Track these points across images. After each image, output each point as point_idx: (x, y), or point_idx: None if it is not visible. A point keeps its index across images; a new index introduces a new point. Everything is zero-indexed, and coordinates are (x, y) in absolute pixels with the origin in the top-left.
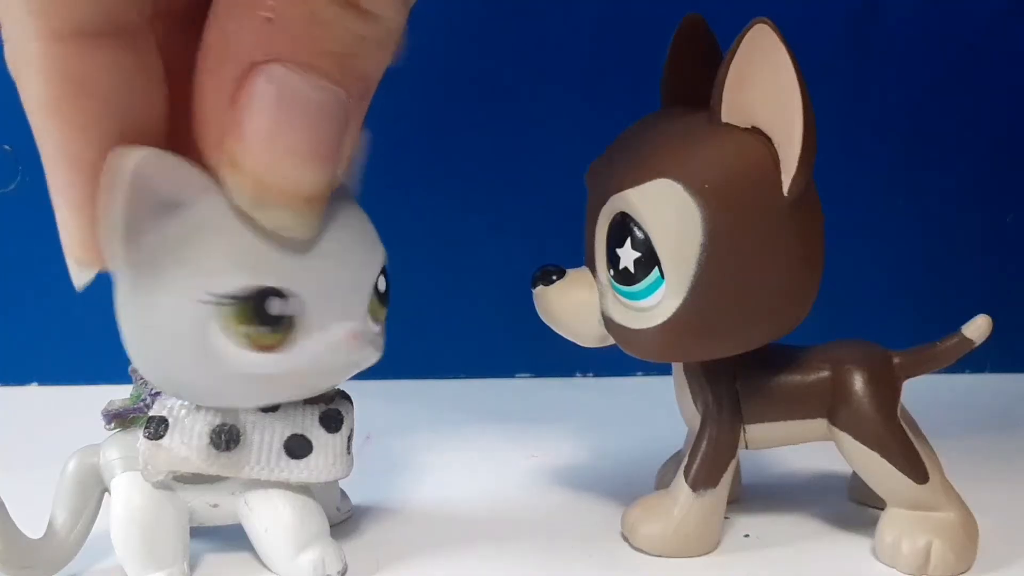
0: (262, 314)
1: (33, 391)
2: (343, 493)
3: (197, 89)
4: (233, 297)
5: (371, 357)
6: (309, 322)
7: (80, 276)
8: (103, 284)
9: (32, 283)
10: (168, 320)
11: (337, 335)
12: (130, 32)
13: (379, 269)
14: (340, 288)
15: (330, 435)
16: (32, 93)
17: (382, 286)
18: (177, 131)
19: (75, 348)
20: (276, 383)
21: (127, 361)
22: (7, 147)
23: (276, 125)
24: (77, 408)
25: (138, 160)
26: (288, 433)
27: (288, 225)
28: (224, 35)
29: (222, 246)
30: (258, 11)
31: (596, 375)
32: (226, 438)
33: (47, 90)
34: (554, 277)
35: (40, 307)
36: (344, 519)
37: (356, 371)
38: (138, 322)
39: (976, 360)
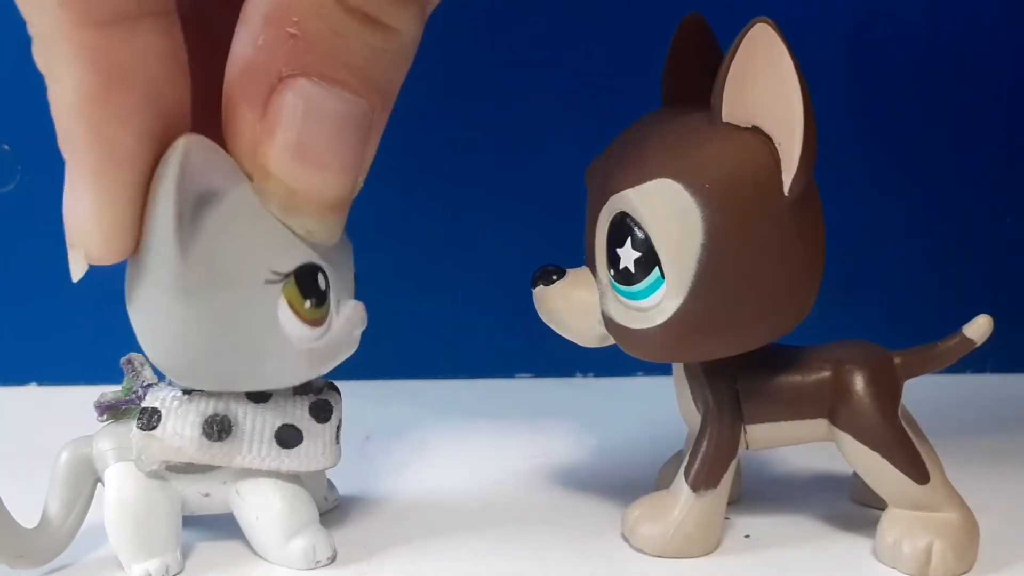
0: (316, 289)
1: (32, 391)
2: (330, 483)
3: (226, 99)
4: (294, 274)
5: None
6: (335, 297)
7: (81, 268)
8: (101, 285)
9: (30, 283)
10: (238, 306)
11: (352, 308)
12: (162, 15)
13: (352, 255)
14: (345, 268)
15: (320, 425)
16: (70, 85)
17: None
18: (196, 119)
19: (74, 348)
20: (317, 358)
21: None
22: (6, 147)
23: (304, 136)
24: (75, 408)
25: (189, 144)
26: (279, 423)
27: (315, 230)
28: (253, 49)
29: (273, 227)
30: (284, 27)
31: (596, 375)
32: (218, 428)
33: (89, 80)
34: (554, 277)
35: (38, 307)
36: (331, 508)
37: (354, 349)
38: (197, 316)
39: (977, 360)
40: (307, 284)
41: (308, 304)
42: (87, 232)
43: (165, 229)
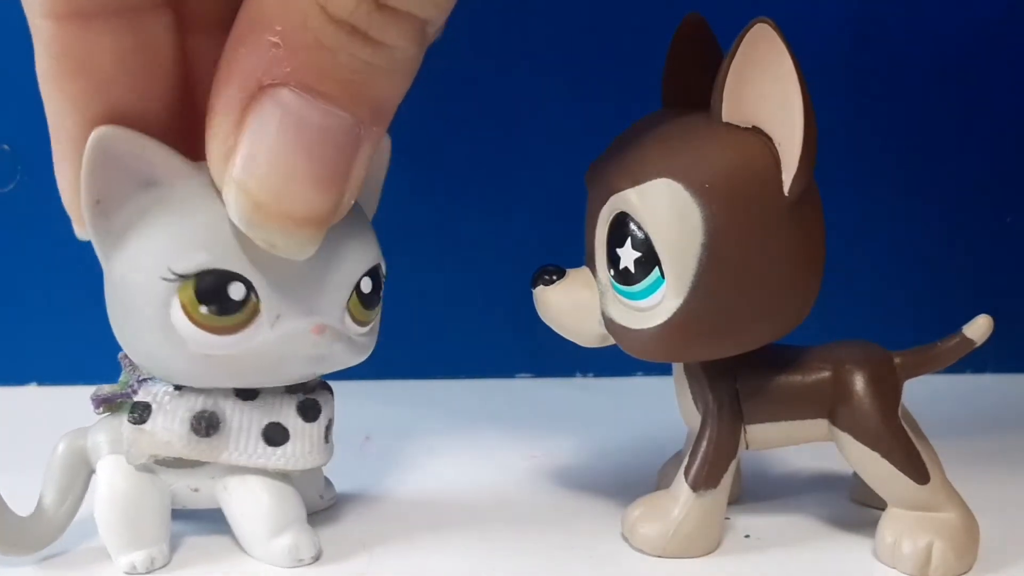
0: (222, 297)
1: (32, 391)
2: (328, 481)
3: (209, 105)
4: (192, 276)
5: (344, 355)
6: (271, 311)
7: (79, 232)
8: (101, 285)
9: (31, 283)
10: (135, 296)
11: (297, 327)
12: (130, 14)
13: (363, 271)
14: (307, 282)
15: (307, 424)
16: (38, 67)
17: (366, 287)
18: (197, 121)
19: (74, 348)
20: (238, 367)
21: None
22: (6, 147)
23: (278, 147)
24: (75, 408)
25: (99, 135)
26: (266, 421)
27: (280, 245)
28: (236, 56)
29: (190, 226)
30: (266, 36)
31: (596, 375)
32: (206, 424)
33: (46, 66)
34: (554, 277)
35: (39, 307)
36: (328, 507)
37: (326, 366)
38: (111, 297)
39: (977, 360)
40: (208, 290)
41: (204, 310)
42: (64, 200)
43: (83, 205)
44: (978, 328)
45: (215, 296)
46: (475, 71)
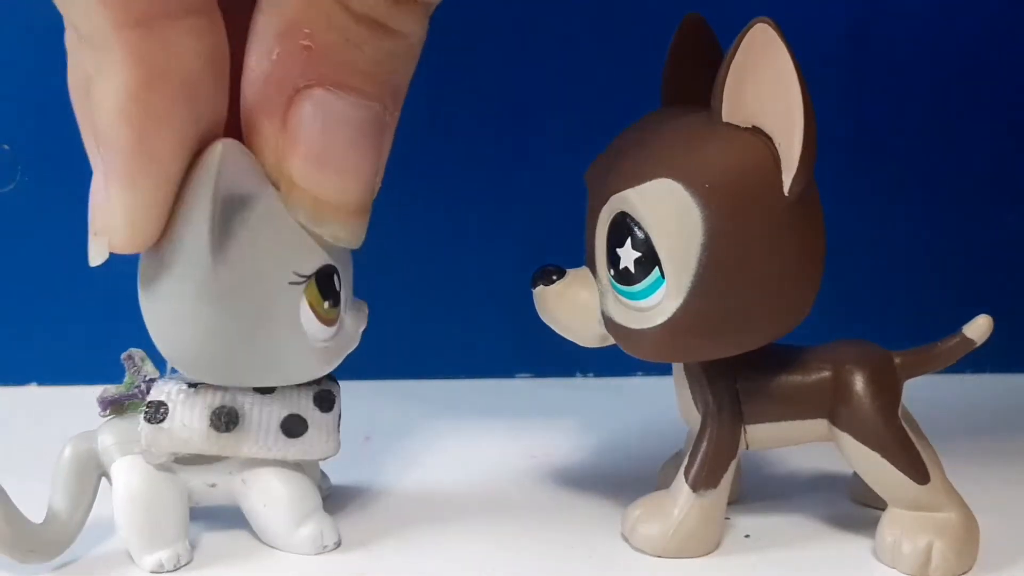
0: (333, 290)
1: (32, 391)
2: (323, 472)
3: (246, 112)
4: (315, 275)
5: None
6: (344, 303)
7: (102, 256)
8: (101, 285)
9: (31, 283)
10: (263, 307)
11: (357, 308)
12: (203, 14)
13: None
14: (349, 268)
15: (324, 414)
16: (115, 84)
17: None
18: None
19: (74, 348)
20: (329, 355)
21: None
22: (5, 147)
23: (324, 145)
24: (76, 408)
25: (225, 148)
26: (285, 413)
27: (342, 237)
28: (268, 62)
29: (297, 231)
30: (297, 40)
31: (596, 375)
32: (226, 419)
33: (131, 80)
34: (554, 277)
35: (39, 307)
36: (324, 497)
37: (355, 346)
38: (223, 316)
39: (977, 360)
40: (326, 285)
41: (327, 304)
42: (114, 224)
43: (199, 231)
44: (978, 328)
45: (331, 290)
46: (474, 71)
